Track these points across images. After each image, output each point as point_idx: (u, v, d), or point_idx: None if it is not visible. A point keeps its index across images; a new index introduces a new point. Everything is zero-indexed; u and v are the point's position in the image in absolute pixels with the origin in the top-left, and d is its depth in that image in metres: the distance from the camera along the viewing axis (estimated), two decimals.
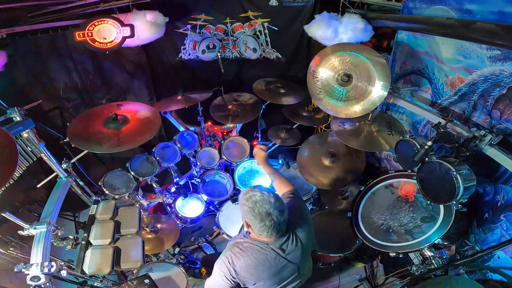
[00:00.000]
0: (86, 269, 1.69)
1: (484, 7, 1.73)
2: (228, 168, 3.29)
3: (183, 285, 2.19)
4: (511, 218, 1.84)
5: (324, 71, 2.38)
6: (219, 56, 3.04)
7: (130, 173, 2.48)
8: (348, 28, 2.50)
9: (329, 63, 2.35)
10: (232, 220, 2.66)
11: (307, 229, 1.59)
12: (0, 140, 1.44)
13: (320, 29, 2.66)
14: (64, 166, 2.26)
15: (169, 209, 2.95)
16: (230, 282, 1.49)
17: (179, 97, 2.76)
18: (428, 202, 2.03)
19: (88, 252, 1.75)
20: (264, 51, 3.22)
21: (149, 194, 3.15)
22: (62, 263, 1.69)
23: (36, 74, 2.72)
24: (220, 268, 1.49)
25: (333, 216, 2.84)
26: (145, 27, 2.57)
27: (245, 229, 1.52)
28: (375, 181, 2.37)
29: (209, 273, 1.63)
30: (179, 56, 3.21)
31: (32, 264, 1.57)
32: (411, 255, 2.26)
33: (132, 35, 2.50)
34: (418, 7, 2.19)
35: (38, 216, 2.00)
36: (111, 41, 2.48)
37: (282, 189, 1.81)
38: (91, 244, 1.80)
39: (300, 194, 1.83)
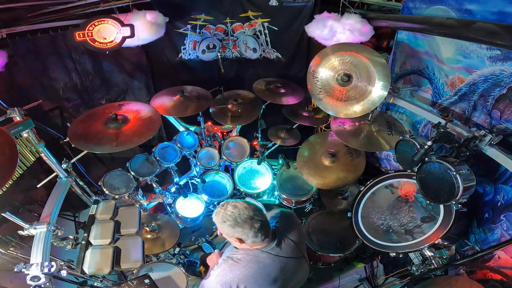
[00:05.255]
0: (86, 269, 1.69)
1: (484, 7, 1.73)
2: (228, 168, 3.29)
3: (183, 285, 2.19)
4: (511, 218, 1.84)
5: (324, 71, 2.38)
6: (219, 56, 3.04)
7: (130, 173, 2.48)
8: (346, 28, 2.50)
9: (329, 63, 2.35)
10: None
11: (296, 230, 1.61)
12: (0, 140, 1.43)
13: (318, 28, 2.66)
14: (64, 166, 2.26)
15: (169, 209, 2.94)
16: None
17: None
18: (428, 202, 2.03)
19: (88, 252, 1.75)
20: (264, 51, 3.22)
21: (149, 194, 3.15)
22: (62, 263, 1.68)
23: (36, 74, 2.73)
24: (216, 279, 1.48)
25: (333, 216, 2.84)
26: (145, 27, 2.57)
27: (234, 245, 1.51)
28: (375, 181, 2.37)
29: (206, 273, 1.63)
30: (179, 56, 3.21)
31: (32, 264, 1.57)
32: (411, 255, 2.26)
33: (132, 35, 2.50)
34: (418, 7, 2.19)
35: (38, 216, 2.00)
36: (111, 41, 2.48)
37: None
38: (91, 244, 1.80)
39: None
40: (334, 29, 2.57)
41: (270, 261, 1.46)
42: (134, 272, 2.18)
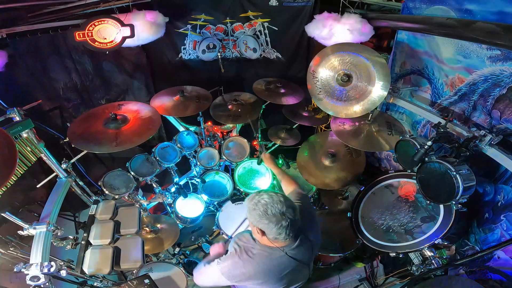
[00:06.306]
0: (86, 269, 1.69)
1: (484, 7, 1.73)
2: (228, 168, 3.28)
3: (183, 285, 2.19)
4: (511, 218, 1.84)
5: (324, 71, 2.38)
6: (219, 56, 3.04)
7: (130, 173, 2.47)
8: (346, 28, 2.50)
9: (329, 63, 2.35)
10: (232, 220, 2.66)
11: (315, 229, 1.58)
12: None
13: (318, 28, 2.66)
14: (64, 166, 2.26)
15: (169, 209, 2.94)
16: (231, 283, 1.48)
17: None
18: (428, 202, 2.03)
19: (88, 252, 1.75)
20: (264, 51, 3.22)
21: (149, 194, 3.15)
22: (62, 263, 1.69)
23: (36, 74, 2.72)
24: (222, 270, 1.46)
25: (333, 216, 2.84)
26: (145, 27, 2.57)
27: (254, 236, 1.47)
28: (375, 181, 2.37)
29: None
30: (179, 56, 3.21)
31: (32, 264, 1.57)
32: (411, 255, 2.26)
33: (132, 35, 2.50)
34: (418, 7, 2.19)
35: (38, 216, 2.00)
36: (111, 41, 2.48)
37: (289, 188, 1.82)
38: (91, 244, 1.80)
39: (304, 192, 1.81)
40: (334, 29, 2.57)
41: (284, 261, 1.44)
42: (134, 272, 2.18)
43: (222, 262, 1.47)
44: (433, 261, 1.97)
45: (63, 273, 1.63)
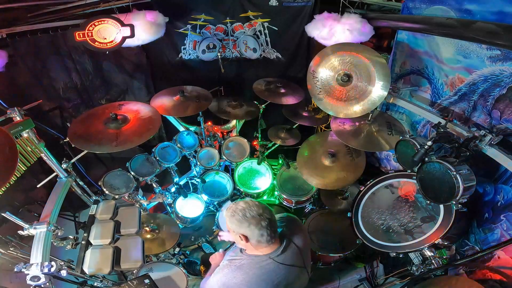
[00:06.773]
0: (86, 269, 1.69)
1: (484, 7, 1.73)
2: (228, 168, 3.29)
3: (183, 285, 2.19)
4: (511, 218, 1.84)
5: (324, 71, 2.38)
6: (219, 56, 3.04)
7: (130, 173, 2.48)
8: (346, 28, 2.50)
9: (329, 63, 2.35)
10: None
11: (301, 234, 1.58)
12: (0, 140, 1.43)
13: (318, 28, 2.66)
14: (64, 166, 2.26)
15: (169, 209, 2.95)
16: None
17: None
18: (428, 202, 2.03)
19: (88, 252, 1.75)
20: (264, 51, 3.22)
21: (149, 194, 3.15)
22: (62, 263, 1.69)
23: (36, 74, 2.72)
24: (218, 284, 1.46)
25: (333, 216, 2.84)
26: (145, 27, 2.58)
27: (239, 245, 1.49)
28: (375, 181, 2.37)
29: (207, 272, 1.63)
30: (179, 56, 3.21)
31: (32, 264, 1.57)
32: (411, 255, 2.26)
33: (132, 35, 2.50)
34: (418, 7, 2.19)
35: (38, 216, 2.00)
36: (111, 41, 2.48)
37: None
38: (91, 244, 1.80)
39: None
40: (334, 29, 2.57)
41: (274, 268, 1.43)
42: (134, 272, 2.18)
43: (216, 275, 1.49)
44: (433, 261, 1.97)
45: (63, 273, 1.63)
